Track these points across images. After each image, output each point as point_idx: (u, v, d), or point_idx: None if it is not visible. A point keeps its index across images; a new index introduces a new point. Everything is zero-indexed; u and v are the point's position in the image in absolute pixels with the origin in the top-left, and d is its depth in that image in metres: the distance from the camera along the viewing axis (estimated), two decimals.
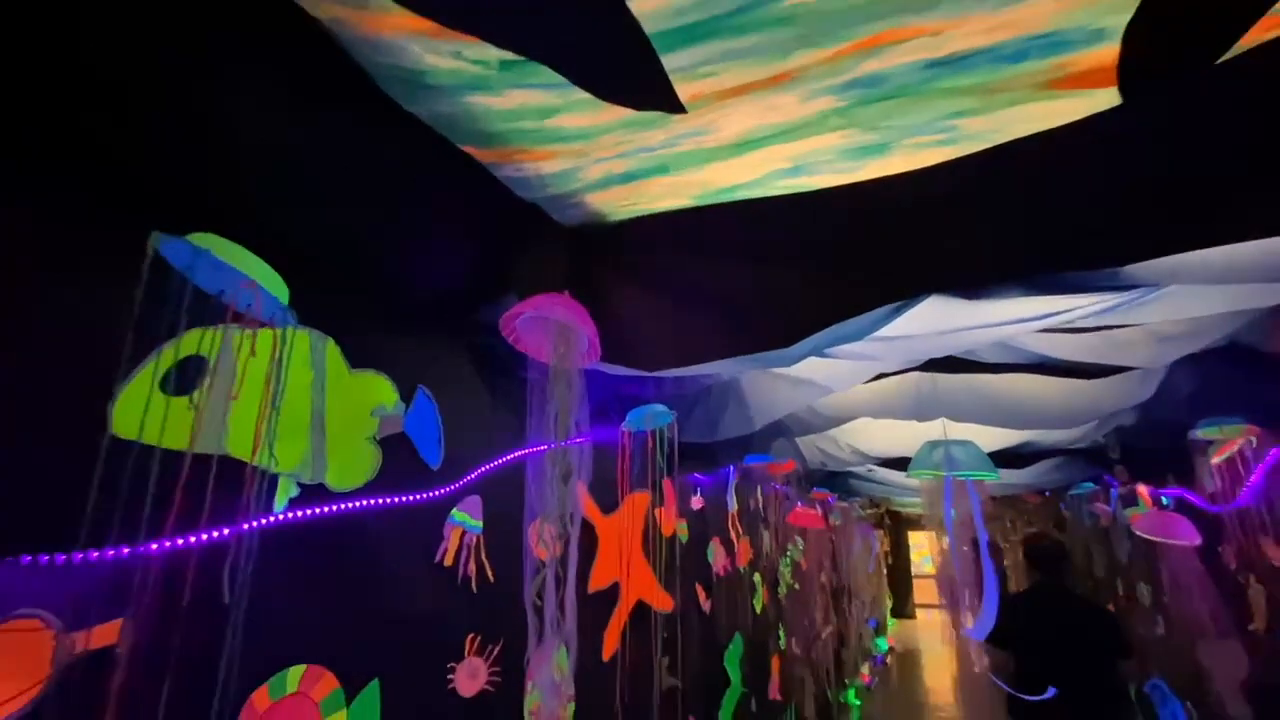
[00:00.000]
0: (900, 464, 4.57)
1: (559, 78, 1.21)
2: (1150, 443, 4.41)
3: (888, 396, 3.52)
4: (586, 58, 1.16)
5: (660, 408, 2.47)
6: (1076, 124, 1.27)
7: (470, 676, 2.04)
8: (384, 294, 1.82)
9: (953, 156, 1.43)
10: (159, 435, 1.25)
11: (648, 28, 1.08)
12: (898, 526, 14.76)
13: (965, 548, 3.37)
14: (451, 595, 2.02)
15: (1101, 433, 4.48)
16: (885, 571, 13.87)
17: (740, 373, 2.88)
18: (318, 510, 1.56)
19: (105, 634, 1.16)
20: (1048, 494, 8.21)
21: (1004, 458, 4.98)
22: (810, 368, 2.76)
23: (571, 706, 2.53)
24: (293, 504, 1.51)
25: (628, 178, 1.61)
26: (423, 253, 1.81)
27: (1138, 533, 3.99)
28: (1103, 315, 1.95)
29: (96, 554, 1.15)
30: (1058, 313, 1.80)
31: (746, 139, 1.44)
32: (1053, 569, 3.48)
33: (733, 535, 4.79)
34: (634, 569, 3.03)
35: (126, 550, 1.19)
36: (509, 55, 1.15)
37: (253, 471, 1.37)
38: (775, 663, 5.42)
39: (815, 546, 6.88)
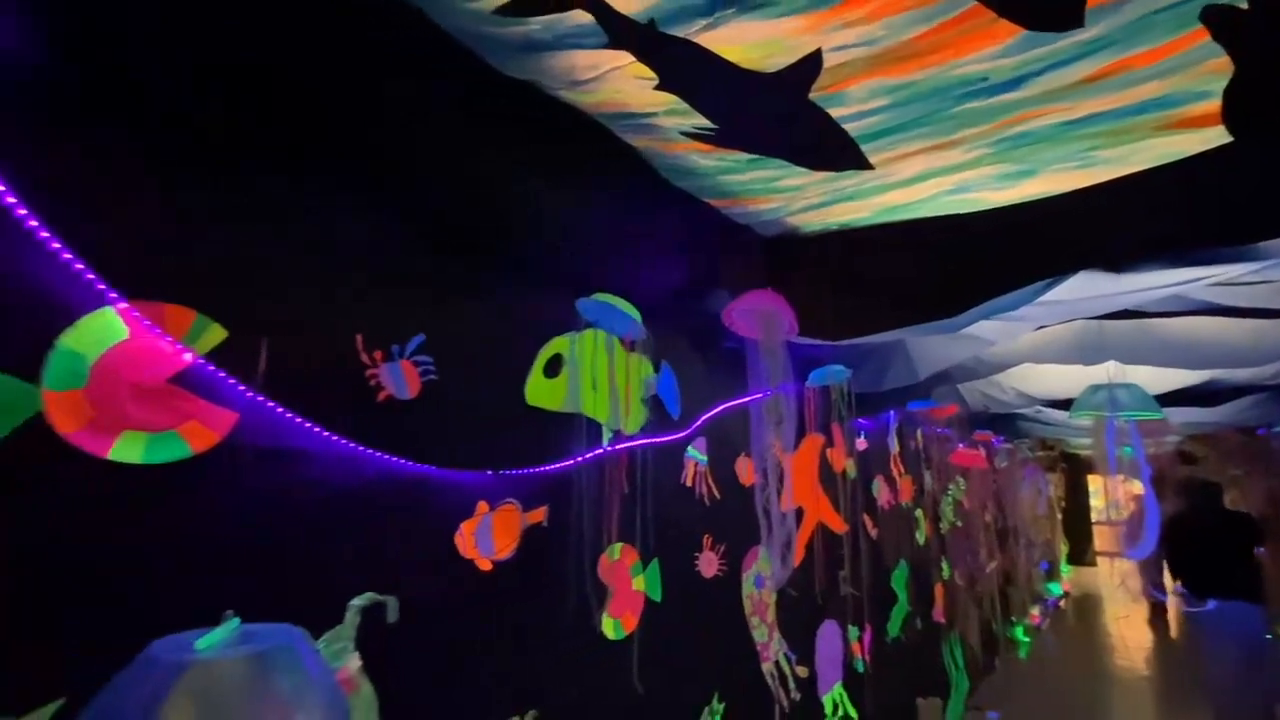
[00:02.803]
0: (1067, 405, 4.72)
1: (785, 161, 1.82)
2: None
3: (1052, 343, 3.75)
4: (806, 152, 1.76)
5: (839, 367, 3.05)
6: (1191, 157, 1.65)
7: (708, 564, 2.85)
8: (644, 300, 2.58)
9: (1089, 181, 1.84)
10: (546, 401, 2.12)
11: (852, 133, 1.66)
12: (1075, 470, 13.90)
13: (1132, 484, 3.61)
14: (692, 507, 2.82)
15: None
16: (1059, 516, 13.24)
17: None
18: (621, 446, 2.39)
19: (537, 515, 2.06)
20: (1261, 432, 7.54)
21: (1190, 396, 4.88)
22: (973, 326, 3.16)
23: (774, 596, 3.30)
24: (611, 442, 2.34)
25: (821, 205, 2.19)
26: (664, 269, 2.54)
27: None
28: (1262, 272, 2.20)
29: (531, 470, 2.04)
30: (1201, 279, 2.12)
31: (919, 175, 1.95)
32: (1203, 498, 4.86)
33: (895, 474, 5.27)
34: (813, 497, 3.69)
35: (541, 468, 2.07)
36: (754, 156, 1.79)
37: (591, 422, 2.22)
38: (939, 590, 5.87)
39: (978, 486, 7.07)
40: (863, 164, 1.83)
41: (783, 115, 1.56)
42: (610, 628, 2.27)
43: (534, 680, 1.99)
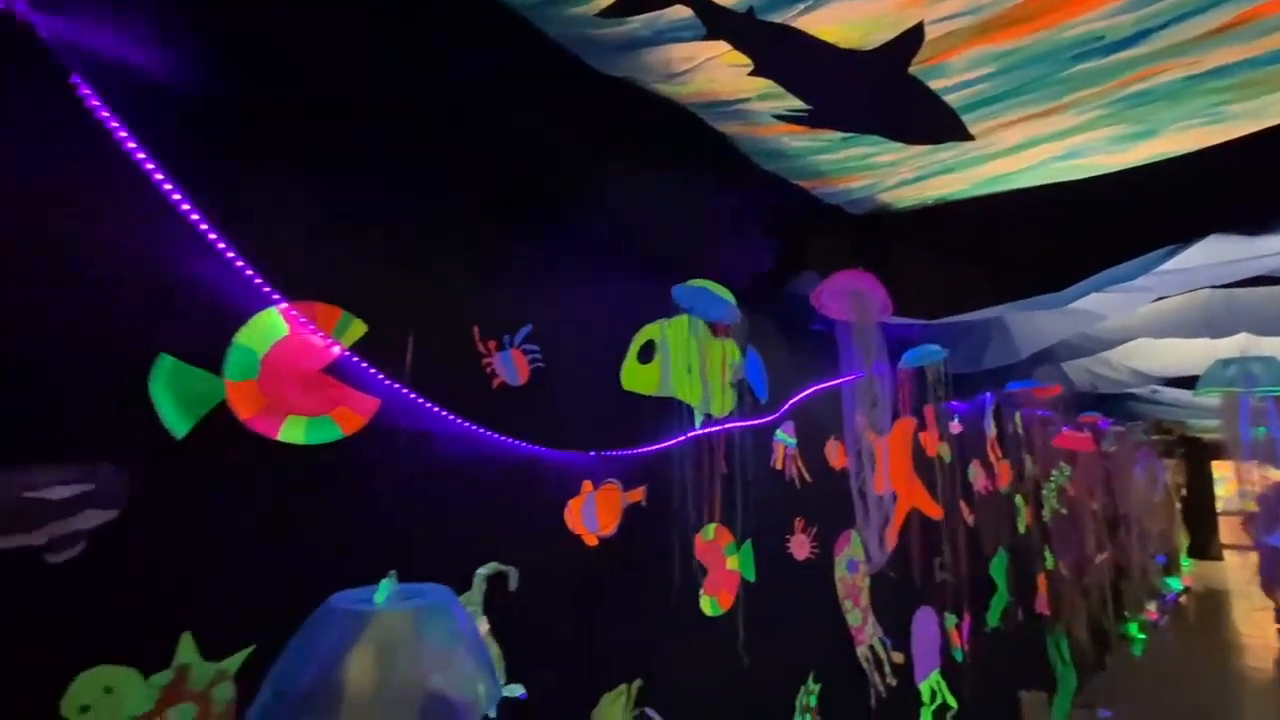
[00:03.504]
0: (1189, 383, 4.35)
1: (880, 137, 1.80)
2: None
3: (1174, 315, 3.47)
4: (904, 126, 1.73)
5: (934, 347, 2.97)
6: None
7: (799, 547, 2.86)
8: (733, 284, 2.60)
9: (1218, 138, 1.71)
10: (640, 386, 2.19)
11: (953, 104, 1.62)
12: (1197, 455, 12.71)
13: (1268, 469, 3.30)
14: (782, 489, 2.84)
15: None
16: (1178, 505, 12.17)
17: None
18: (711, 429, 2.44)
19: (637, 494, 2.15)
20: None
21: None
22: (1083, 300, 2.98)
23: (867, 581, 3.26)
24: (702, 425, 2.40)
25: (917, 180, 2.13)
26: (753, 252, 2.55)
27: None
28: None
29: (629, 452, 2.12)
30: None
31: (1023, 143, 1.87)
32: None
33: (992, 458, 5.04)
34: (907, 482, 3.60)
35: (639, 450, 2.15)
36: (848, 134, 1.78)
37: (684, 406, 2.28)
38: (1042, 580, 5.58)
39: (1084, 472, 6.62)
40: (963, 135, 1.78)
41: (881, 91, 1.55)
42: (708, 605, 2.34)
43: (638, 651, 2.09)
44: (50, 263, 1.13)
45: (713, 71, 1.52)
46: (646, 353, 2.24)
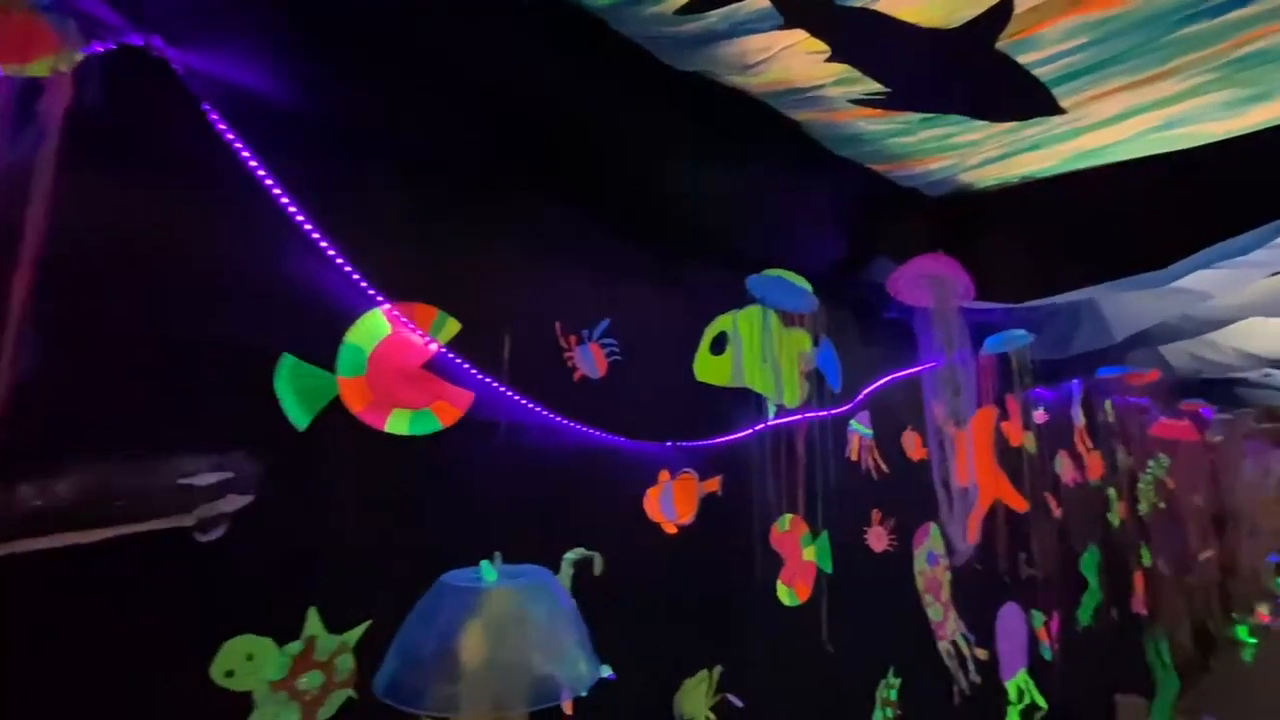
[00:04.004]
0: None
1: (962, 117, 1.74)
2: None
3: None
4: (989, 103, 1.67)
5: (1019, 332, 2.84)
6: None
7: (877, 539, 2.81)
8: (805, 274, 2.57)
9: None
10: (713, 377, 2.21)
11: (1043, 78, 1.55)
12: None
13: None
14: (858, 480, 2.79)
15: None
16: None
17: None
18: (783, 420, 2.43)
19: (712, 484, 2.17)
20: None
21: None
22: (1186, 278, 2.78)
23: (948, 575, 3.17)
24: (774, 416, 2.39)
25: (1001, 158, 2.05)
26: (825, 240, 2.51)
27: None
28: None
29: (704, 442, 2.15)
30: None
31: (1120, 114, 1.77)
32: None
33: (1081, 449, 4.76)
34: (990, 473, 3.46)
35: (713, 440, 2.18)
36: (928, 115, 1.73)
37: (757, 397, 2.28)
38: (1139, 579, 5.25)
39: (1186, 464, 6.17)
40: (1053, 109, 1.70)
41: (965, 69, 1.50)
42: (785, 595, 2.34)
43: (717, 638, 2.12)
44: (189, 275, 1.26)
45: (788, 60, 1.51)
46: (719, 344, 2.25)
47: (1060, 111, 1.72)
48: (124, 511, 1.11)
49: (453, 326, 1.55)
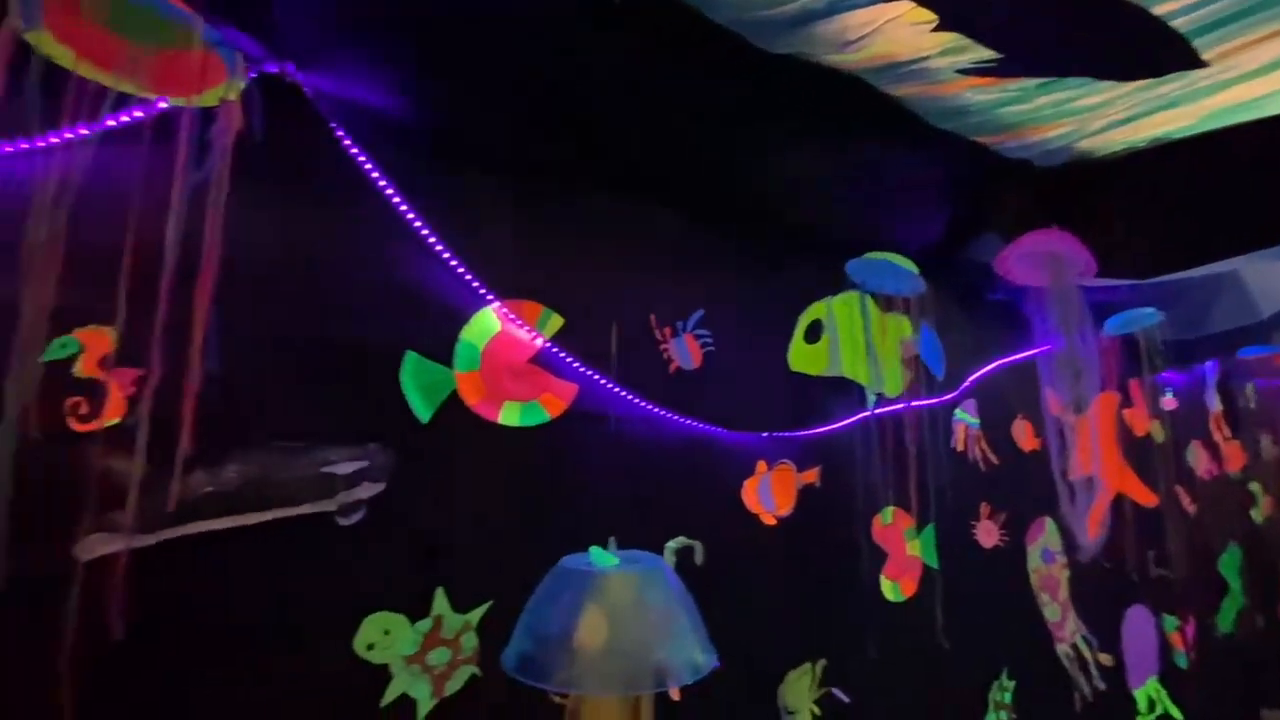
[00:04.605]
0: None
1: (1086, 79, 1.61)
2: None
3: None
4: (1119, 61, 1.54)
5: (1148, 310, 2.60)
6: None
7: (986, 534, 2.67)
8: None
9: None
10: (808, 367, 2.17)
11: (1181, 29, 1.41)
12: None
13: None
14: (965, 472, 2.66)
15: None
16: None
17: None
18: (884, 410, 2.35)
19: (810, 475, 2.13)
20: None
21: None
22: None
23: (1067, 573, 2.96)
24: (874, 405, 2.32)
25: (1129, 120, 1.88)
26: (927, 220, 2.40)
27: None
28: None
29: (800, 433, 2.11)
30: None
31: (1269, 64, 1.58)
32: None
33: (1217, 438, 4.31)
34: (1113, 464, 3.20)
35: (809, 431, 2.14)
36: (1045, 80, 1.61)
37: (856, 385, 2.22)
38: None
39: None
40: (1194, 62, 1.54)
41: (1090, 27, 1.39)
42: (889, 589, 2.27)
43: (821, 632, 2.08)
44: (326, 281, 1.36)
45: (891, 33, 1.45)
46: (813, 332, 2.20)
47: (1202, 64, 1.55)
48: (279, 496, 1.23)
49: (556, 322, 1.60)
